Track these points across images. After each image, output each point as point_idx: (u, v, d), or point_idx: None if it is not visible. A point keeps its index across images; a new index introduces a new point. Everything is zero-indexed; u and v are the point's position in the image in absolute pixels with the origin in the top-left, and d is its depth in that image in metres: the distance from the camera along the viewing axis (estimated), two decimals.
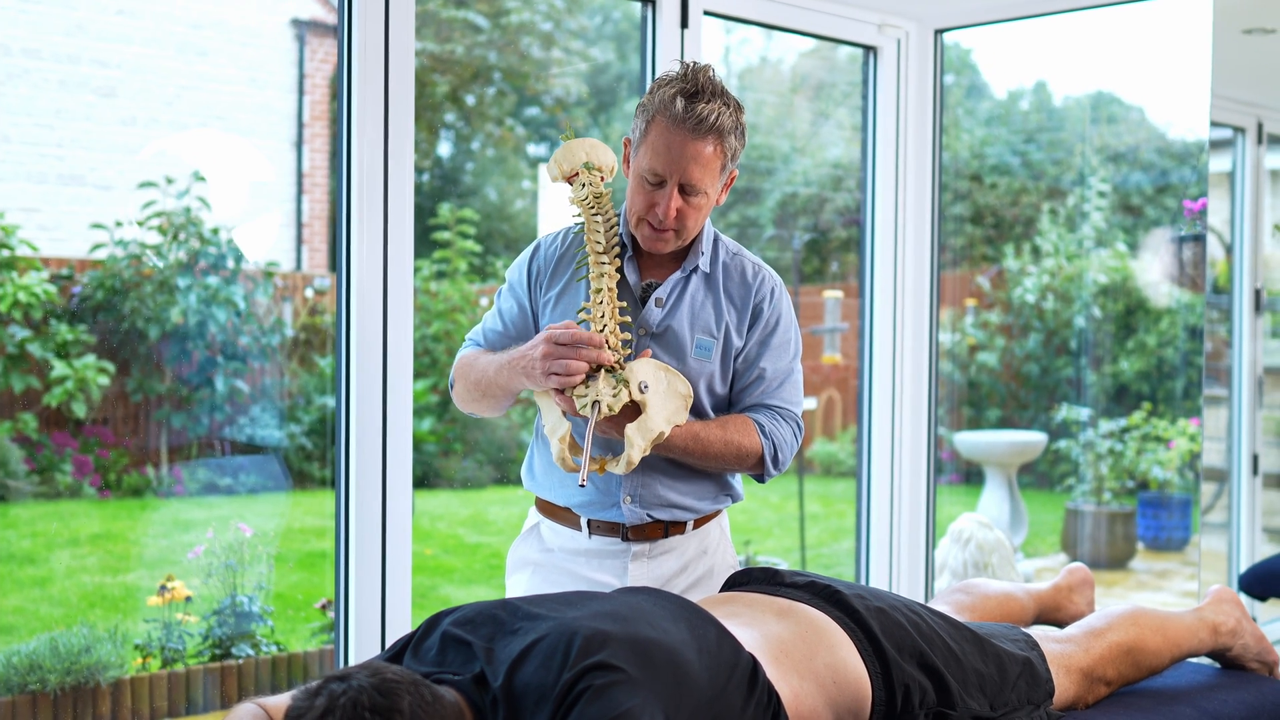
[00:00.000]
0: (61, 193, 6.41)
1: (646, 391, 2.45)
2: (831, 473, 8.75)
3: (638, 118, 2.55)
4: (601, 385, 2.43)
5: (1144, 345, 8.20)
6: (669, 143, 2.48)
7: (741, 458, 2.59)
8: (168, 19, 6.97)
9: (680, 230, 2.55)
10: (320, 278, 7.66)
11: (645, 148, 2.52)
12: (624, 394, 2.43)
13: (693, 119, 2.46)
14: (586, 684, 1.91)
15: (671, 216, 2.51)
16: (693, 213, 2.53)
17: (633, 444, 2.44)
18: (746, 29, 10.14)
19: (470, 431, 8.13)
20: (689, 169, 2.48)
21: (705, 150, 2.48)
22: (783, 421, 2.66)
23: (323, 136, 8.14)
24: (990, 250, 9.54)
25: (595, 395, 2.42)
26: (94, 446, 5.81)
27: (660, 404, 2.47)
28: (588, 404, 2.43)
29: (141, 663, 4.67)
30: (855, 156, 9.53)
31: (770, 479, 2.68)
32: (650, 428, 2.45)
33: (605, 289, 2.51)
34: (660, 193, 2.51)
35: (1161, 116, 8.98)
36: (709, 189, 2.52)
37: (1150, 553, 7.45)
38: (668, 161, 2.48)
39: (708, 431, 2.56)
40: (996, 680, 2.46)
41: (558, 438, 2.50)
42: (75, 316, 5.77)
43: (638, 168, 2.54)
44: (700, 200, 2.53)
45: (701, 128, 2.46)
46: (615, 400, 2.42)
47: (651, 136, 2.51)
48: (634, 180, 2.56)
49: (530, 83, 10.51)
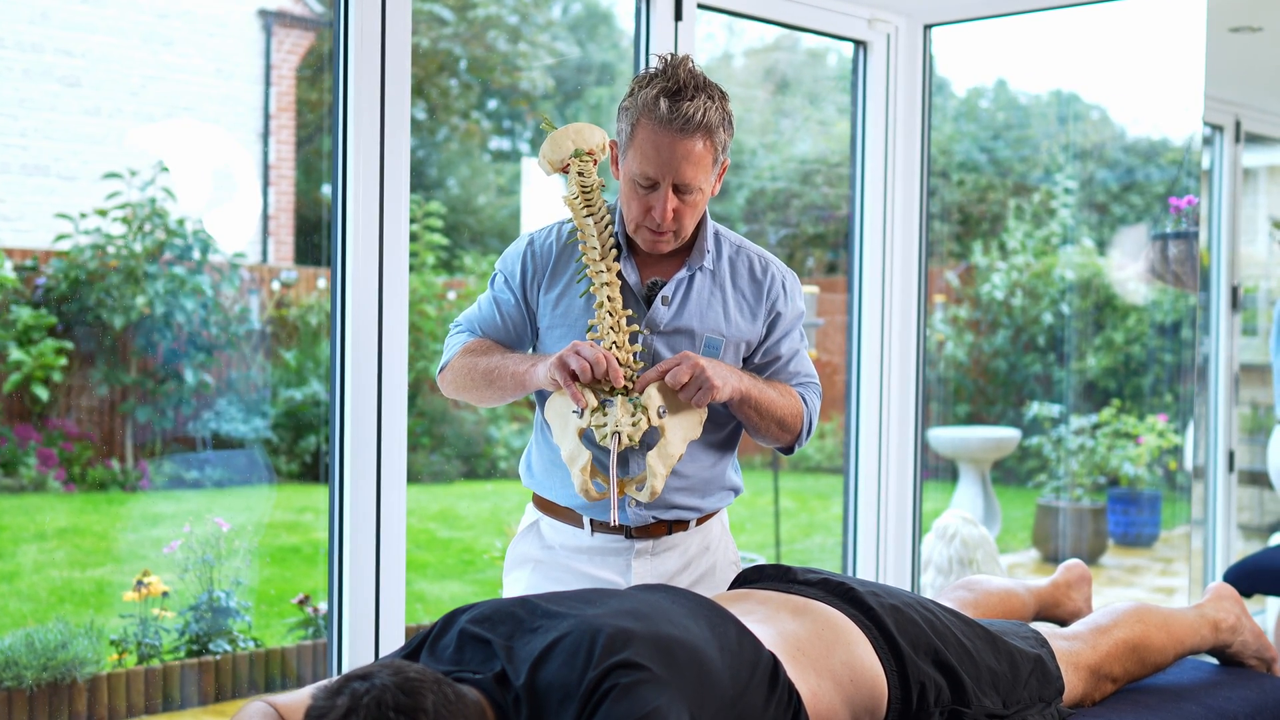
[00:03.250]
0: (25, 183, 6.33)
1: (664, 416, 2.41)
2: (800, 468, 8.77)
3: (621, 120, 2.49)
4: (620, 414, 2.38)
5: (1112, 342, 8.26)
6: (657, 145, 2.42)
7: (795, 417, 2.59)
8: (133, 8, 6.88)
9: (679, 229, 2.51)
10: (287, 270, 7.59)
11: (634, 151, 2.46)
12: (644, 421, 2.38)
13: (679, 119, 2.40)
14: (612, 682, 1.88)
15: (669, 219, 2.46)
16: (689, 210, 2.49)
17: (655, 473, 2.40)
18: (709, 23, 10.14)
19: (438, 425, 8.08)
20: (681, 169, 2.43)
21: (695, 148, 2.42)
22: (812, 392, 2.68)
23: (289, 128, 8.06)
24: (958, 247, 9.58)
25: (615, 425, 2.37)
26: (58, 439, 5.74)
27: (677, 425, 2.43)
28: (608, 434, 2.37)
29: (118, 659, 4.61)
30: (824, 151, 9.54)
31: (798, 448, 2.67)
32: (670, 453, 2.41)
33: (606, 300, 2.47)
34: (654, 195, 2.46)
35: (1125, 115, 9.04)
36: (703, 185, 2.48)
37: (1120, 548, 7.50)
38: (658, 164, 2.43)
39: (767, 390, 2.56)
40: (1009, 678, 2.45)
41: (578, 468, 2.42)
42: (39, 307, 5.69)
43: (628, 172, 2.48)
44: (695, 197, 2.48)
45: (689, 127, 2.40)
46: (635, 430, 2.37)
47: (639, 139, 2.44)
48: (626, 184, 2.51)
49: (496, 75, 10.47)
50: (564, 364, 2.39)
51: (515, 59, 10.42)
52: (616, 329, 2.45)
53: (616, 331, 2.45)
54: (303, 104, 8.07)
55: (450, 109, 10.34)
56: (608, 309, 2.46)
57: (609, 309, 2.46)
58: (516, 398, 2.61)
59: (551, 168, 2.66)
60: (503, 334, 2.68)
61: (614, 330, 2.45)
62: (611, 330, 2.45)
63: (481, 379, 2.61)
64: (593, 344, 2.41)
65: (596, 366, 2.37)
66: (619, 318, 2.46)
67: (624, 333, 2.46)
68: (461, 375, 2.66)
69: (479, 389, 2.63)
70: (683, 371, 2.39)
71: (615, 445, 2.36)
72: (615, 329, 2.45)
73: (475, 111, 10.49)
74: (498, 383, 2.58)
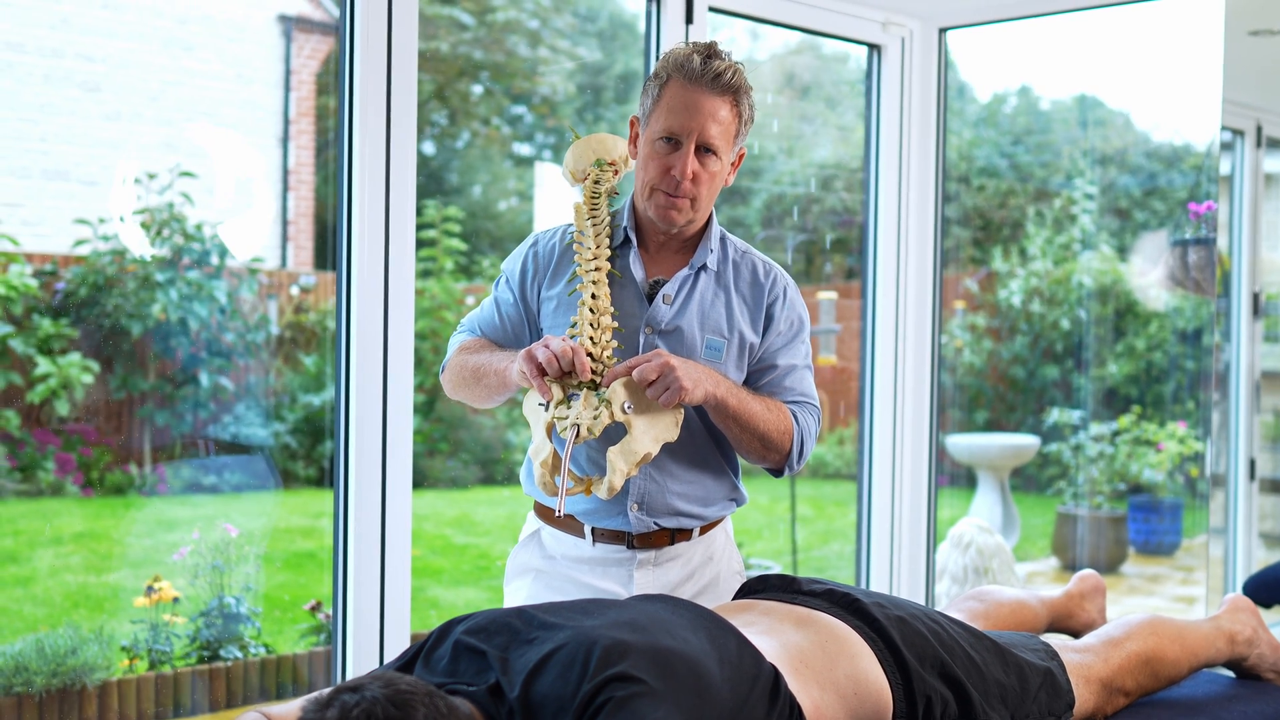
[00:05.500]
0: (46, 188, 6.35)
1: (630, 412, 2.36)
2: (819, 475, 8.72)
3: (647, 90, 2.50)
4: (582, 408, 2.35)
5: (1133, 348, 8.19)
6: (686, 100, 2.43)
7: (782, 434, 2.52)
8: (153, 13, 6.90)
9: (695, 200, 2.48)
10: (305, 275, 7.60)
11: (660, 110, 2.46)
12: (604, 416, 2.34)
13: (710, 73, 2.43)
14: (607, 695, 1.85)
15: (689, 177, 2.44)
16: (708, 179, 2.47)
17: (614, 468, 2.36)
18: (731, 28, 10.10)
19: (456, 431, 8.07)
20: (707, 126, 2.43)
21: (723, 108, 2.44)
22: (807, 413, 2.61)
23: (308, 133, 8.07)
24: (978, 253, 9.52)
25: (575, 418, 2.35)
26: (77, 444, 5.74)
27: (647, 425, 2.37)
28: (567, 426, 2.35)
29: (129, 664, 4.60)
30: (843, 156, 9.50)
31: (790, 474, 2.62)
32: (634, 450, 2.36)
33: (590, 298, 2.44)
34: (676, 154, 2.45)
35: (1147, 120, 8.98)
36: (724, 153, 2.47)
37: (1141, 557, 7.43)
38: (685, 119, 2.43)
39: (751, 402, 2.48)
40: (1018, 691, 2.41)
41: (539, 461, 2.41)
42: (59, 313, 5.70)
43: (650, 135, 2.48)
44: (715, 165, 2.47)
45: (719, 83, 2.43)
46: (595, 423, 2.34)
47: (666, 97, 2.46)
48: (645, 149, 2.50)
49: (517, 81, 10.47)
50: (531, 356, 2.37)
51: (536, 64, 10.42)
52: (595, 325, 2.43)
53: (595, 328, 2.43)
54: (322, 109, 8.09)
55: (471, 114, 10.34)
56: (589, 305, 2.44)
57: (590, 305, 2.44)
58: (504, 396, 2.58)
59: (574, 178, 2.65)
60: (501, 334, 2.66)
61: (592, 326, 2.42)
62: (590, 326, 2.42)
63: (471, 377, 2.59)
64: (563, 339, 2.39)
65: (563, 359, 2.34)
66: (600, 314, 2.44)
67: (603, 330, 2.44)
68: (455, 374, 2.64)
69: (470, 387, 2.61)
70: (650, 369, 2.33)
71: (571, 436, 2.33)
72: (594, 324, 2.43)
73: (496, 117, 10.49)
74: (484, 380, 2.56)
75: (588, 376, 2.38)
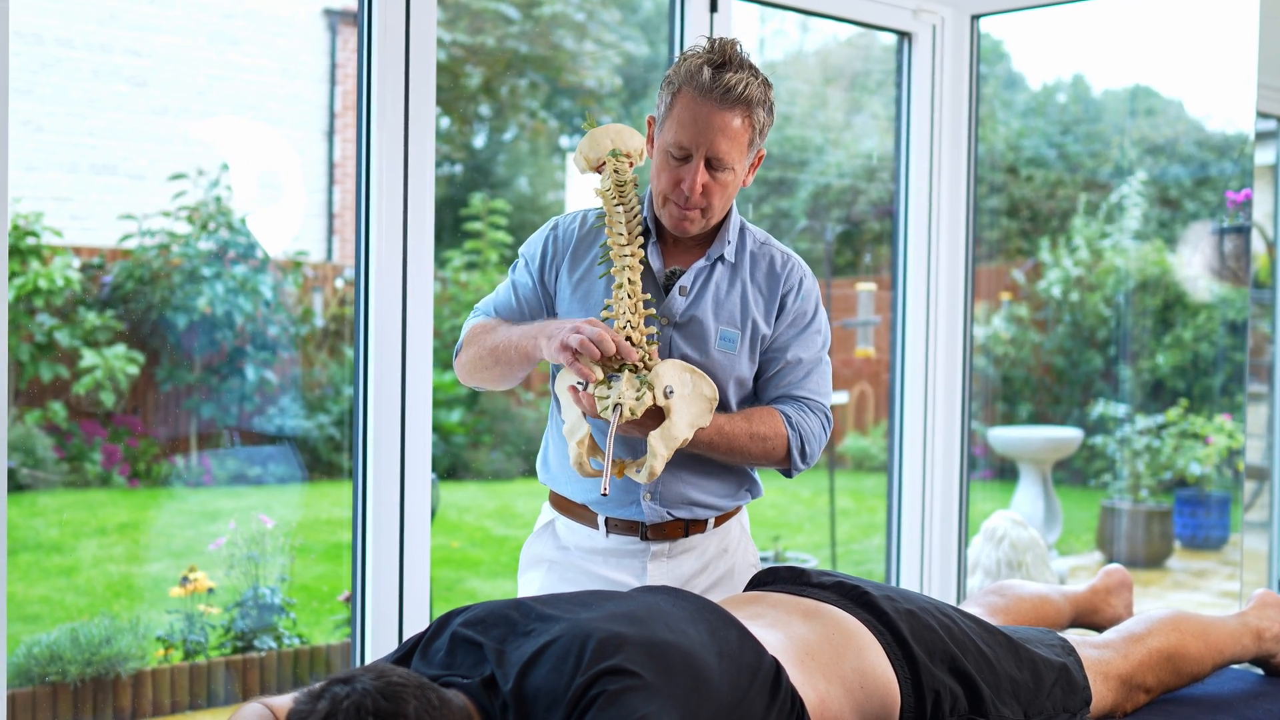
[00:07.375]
0: (93, 182, 6.42)
1: (672, 396, 2.35)
2: (863, 468, 8.66)
3: (662, 93, 2.47)
4: (625, 387, 2.33)
5: (1181, 340, 8.08)
6: (695, 114, 2.40)
7: (768, 452, 2.50)
8: (200, 8, 6.96)
9: (707, 210, 2.47)
10: (350, 268, 7.63)
11: (671, 121, 2.43)
12: (648, 397, 2.33)
13: (720, 88, 2.38)
14: (600, 689, 1.84)
15: (698, 192, 2.42)
16: (719, 190, 2.45)
17: (655, 453, 2.34)
18: (782, 20, 10.05)
19: (499, 423, 8.08)
20: (716, 141, 2.40)
21: (733, 122, 2.40)
22: (810, 413, 2.56)
23: (354, 126, 8.10)
24: (1026, 244, 9.43)
25: (617, 398, 2.32)
26: (123, 435, 5.80)
27: (684, 409, 2.37)
28: (609, 406, 2.32)
29: (163, 654, 4.64)
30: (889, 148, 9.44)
31: (798, 474, 2.59)
32: (674, 435, 2.35)
33: (627, 282, 2.43)
34: (686, 168, 2.43)
35: (1201, 108, 8.85)
36: (736, 164, 2.44)
37: (1187, 551, 7.33)
38: (694, 134, 2.40)
39: (733, 425, 2.47)
40: (1031, 687, 2.37)
41: (575, 440, 2.39)
42: (105, 305, 5.76)
43: (663, 143, 2.46)
44: (727, 177, 2.44)
45: (729, 97, 2.38)
46: (638, 404, 2.32)
47: (677, 109, 2.42)
48: (659, 157, 2.48)
49: (563, 74, 10.46)
50: (566, 346, 2.35)
51: (582, 58, 10.41)
52: (634, 310, 2.41)
53: (633, 313, 2.41)
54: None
55: (518, 107, 10.35)
56: (627, 290, 2.43)
57: (628, 290, 2.43)
58: (524, 372, 2.56)
59: (587, 164, 2.64)
60: (517, 317, 2.64)
61: (631, 312, 2.41)
62: (628, 312, 2.41)
63: (489, 356, 2.56)
64: (594, 322, 2.37)
65: (602, 344, 2.32)
66: (636, 300, 2.43)
67: (640, 315, 2.42)
68: (472, 357, 2.62)
69: (488, 368, 2.59)
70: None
71: (615, 417, 2.31)
72: (632, 310, 2.41)
73: (543, 110, 10.49)
74: (504, 359, 2.53)
75: (635, 359, 2.36)
